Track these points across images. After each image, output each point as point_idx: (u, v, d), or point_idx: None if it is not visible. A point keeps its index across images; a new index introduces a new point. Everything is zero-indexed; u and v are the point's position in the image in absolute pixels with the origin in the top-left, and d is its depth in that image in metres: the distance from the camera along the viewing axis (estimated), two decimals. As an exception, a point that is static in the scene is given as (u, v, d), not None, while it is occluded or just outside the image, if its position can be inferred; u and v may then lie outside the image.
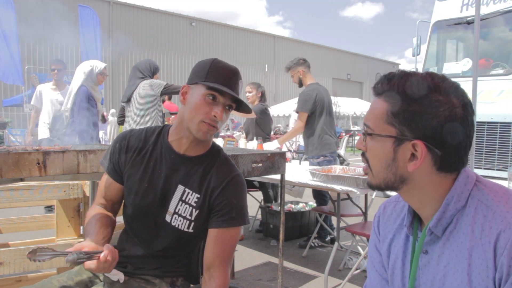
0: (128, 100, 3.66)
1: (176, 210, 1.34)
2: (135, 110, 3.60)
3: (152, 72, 3.73)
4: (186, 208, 1.34)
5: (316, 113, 3.78)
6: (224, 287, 1.30)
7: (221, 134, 9.44)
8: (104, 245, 1.20)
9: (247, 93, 4.46)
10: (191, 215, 1.34)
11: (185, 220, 1.34)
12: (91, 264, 1.13)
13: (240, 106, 1.36)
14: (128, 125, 3.64)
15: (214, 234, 1.32)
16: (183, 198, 1.34)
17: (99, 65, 3.71)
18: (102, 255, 1.14)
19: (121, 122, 3.98)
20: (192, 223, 1.34)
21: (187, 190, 1.35)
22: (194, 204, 1.34)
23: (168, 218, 1.35)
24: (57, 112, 4.08)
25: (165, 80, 4.29)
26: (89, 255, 1.14)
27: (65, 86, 4.56)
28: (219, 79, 1.29)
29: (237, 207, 1.34)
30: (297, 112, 3.89)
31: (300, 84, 3.97)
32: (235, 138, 4.41)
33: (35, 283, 1.33)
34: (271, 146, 3.90)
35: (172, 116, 4.80)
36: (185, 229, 1.34)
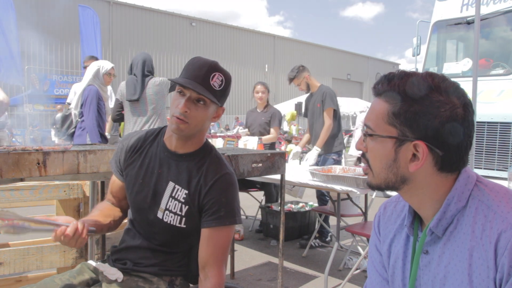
0: (137, 99, 3.47)
1: (167, 207, 1.37)
2: (151, 111, 3.49)
3: (153, 67, 3.63)
4: (175, 204, 1.36)
5: (337, 111, 3.91)
6: (219, 287, 1.31)
7: (221, 134, 9.41)
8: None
9: (260, 94, 4.30)
10: (181, 210, 1.36)
11: (176, 216, 1.36)
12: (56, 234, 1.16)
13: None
14: (138, 126, 3.50)
15: (206, 234, 1.34)
16: (173, 195, 1.37)
17: (106, 65, 3.68)
18: (61, 228, 1.16)
19: (118, 119, 3.77)
20: (184, 218, 1.36)
21: (177, 187, 1.37)
22: (183, 200, 1.36)
23: (160, 214, 1.37)
24: (66, 111, 4.05)
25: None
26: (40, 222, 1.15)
27: None
28: (187, 74, 1.32)
29: (226, 205, 1.34)
30: (323, 109, 3.88)
31: (308, 89, 4.02)
32: (235, 138, 4.40)
33: (37, 282, 1.34)
34: (312, 154, 3.87)
35: None
36: (177, 224, 1.36)
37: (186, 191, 1.36)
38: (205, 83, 1.31)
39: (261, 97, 4.32)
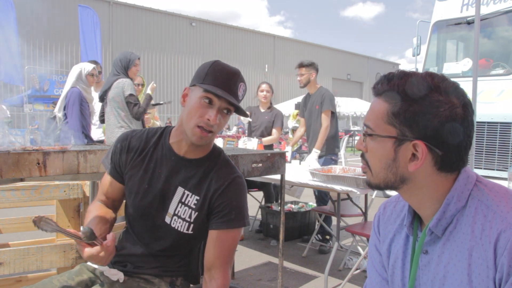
0: (103, 99, 3.61)
1: (176, 212, 1.35)
2: (115, 112, 3.54)
3: (124, 67, 3.60)
4: (185, 210, 1.34)
5: (334, 114, 3.97)
6: None
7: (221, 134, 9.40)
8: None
9: (265, 92, 4.33)
10: (190, 217, 1.34)
11: (184, 222, 1.35)
12: (91, 251, 1.15)
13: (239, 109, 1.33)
14: (111, 127, 3.58)
15: (214, 236, 1.32)
16: (183, 200, 1.35)
17: (87, 67, 3.75)
18: (105, 241, 1.18)
19: (102, 120, 3.84)
20: (192, 225, 1.35)
21: (187, 192, 1.35)
22: (194, 206, 1.34)
23: (167, 219, 1.35)
24: (50, 114, 4.09)
25: (166, 81, 4.23)
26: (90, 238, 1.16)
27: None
28: (216, 82, 1.26)
29: (237, 208, 1.34)
30: (322, 111, 3.91)
31: (305, 85, 4.03)
32: (235, 138, 4.39)
33: (36, 283, 1.33)
34: (313, 157, 3.86)
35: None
36: (185, 231, 1.35)
37: (198, 197, 1.34)
38: (235, 93, 1.29)
39: (266, 96, 4.32)
